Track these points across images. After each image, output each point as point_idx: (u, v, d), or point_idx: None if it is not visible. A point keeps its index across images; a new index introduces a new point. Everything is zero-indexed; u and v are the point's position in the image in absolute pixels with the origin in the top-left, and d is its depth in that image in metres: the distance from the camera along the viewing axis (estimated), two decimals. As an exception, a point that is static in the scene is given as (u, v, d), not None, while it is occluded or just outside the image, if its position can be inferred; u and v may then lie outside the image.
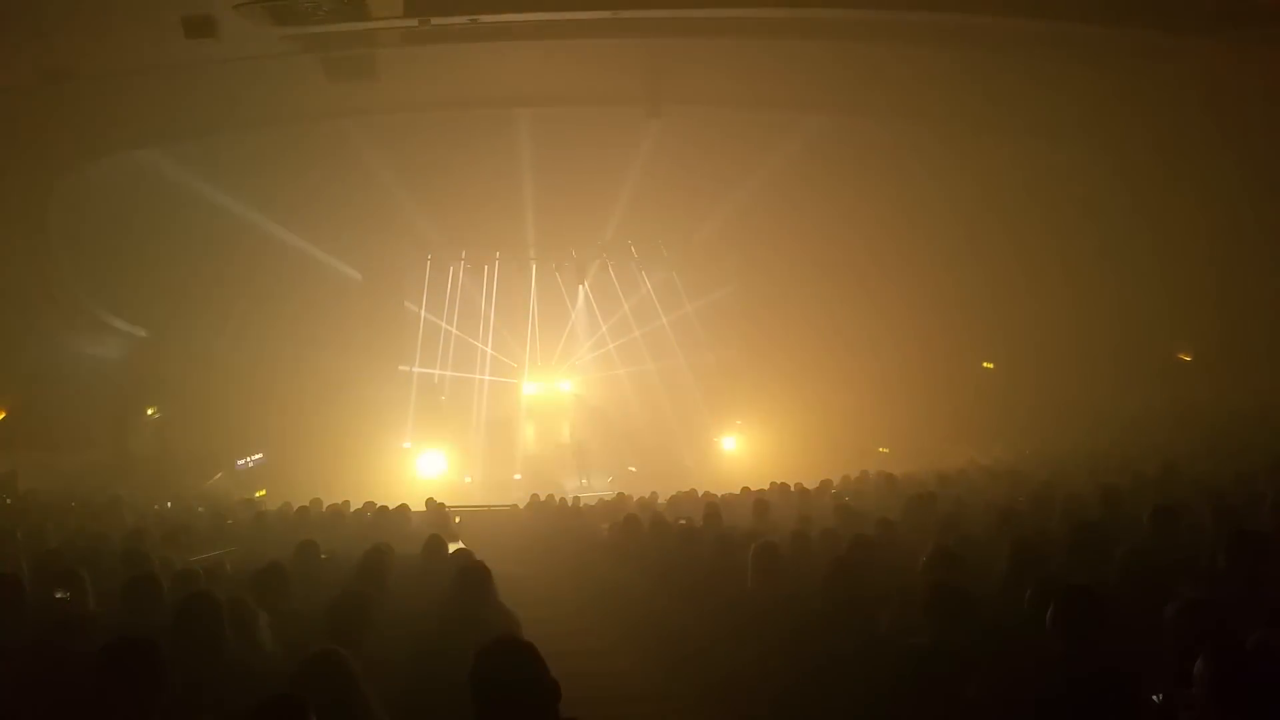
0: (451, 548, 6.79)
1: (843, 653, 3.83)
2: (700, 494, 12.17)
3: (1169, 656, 3.29)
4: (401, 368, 23.05)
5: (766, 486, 11.87)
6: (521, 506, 14.09)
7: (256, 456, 18.43)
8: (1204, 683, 2.70)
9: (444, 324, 24.25)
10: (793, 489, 11.60)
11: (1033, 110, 13.12)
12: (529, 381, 24.63)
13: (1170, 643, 3.42)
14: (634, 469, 22.48)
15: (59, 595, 5.13)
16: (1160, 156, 12.42)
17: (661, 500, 12.18)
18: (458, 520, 11.28)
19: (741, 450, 22.09)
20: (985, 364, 17.94)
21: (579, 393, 25.36)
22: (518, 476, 23.91)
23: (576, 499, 13.76)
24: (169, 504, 13.14)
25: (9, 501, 11.84)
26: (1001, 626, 3.89)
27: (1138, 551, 4.66)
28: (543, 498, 13.51)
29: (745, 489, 11.98)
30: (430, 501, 12.05)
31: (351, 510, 10.79)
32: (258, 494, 16.50)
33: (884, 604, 4.38)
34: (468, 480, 22.96)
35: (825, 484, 12.27)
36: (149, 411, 17.20)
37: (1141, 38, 10.89)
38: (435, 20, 11.07)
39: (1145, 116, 12.13)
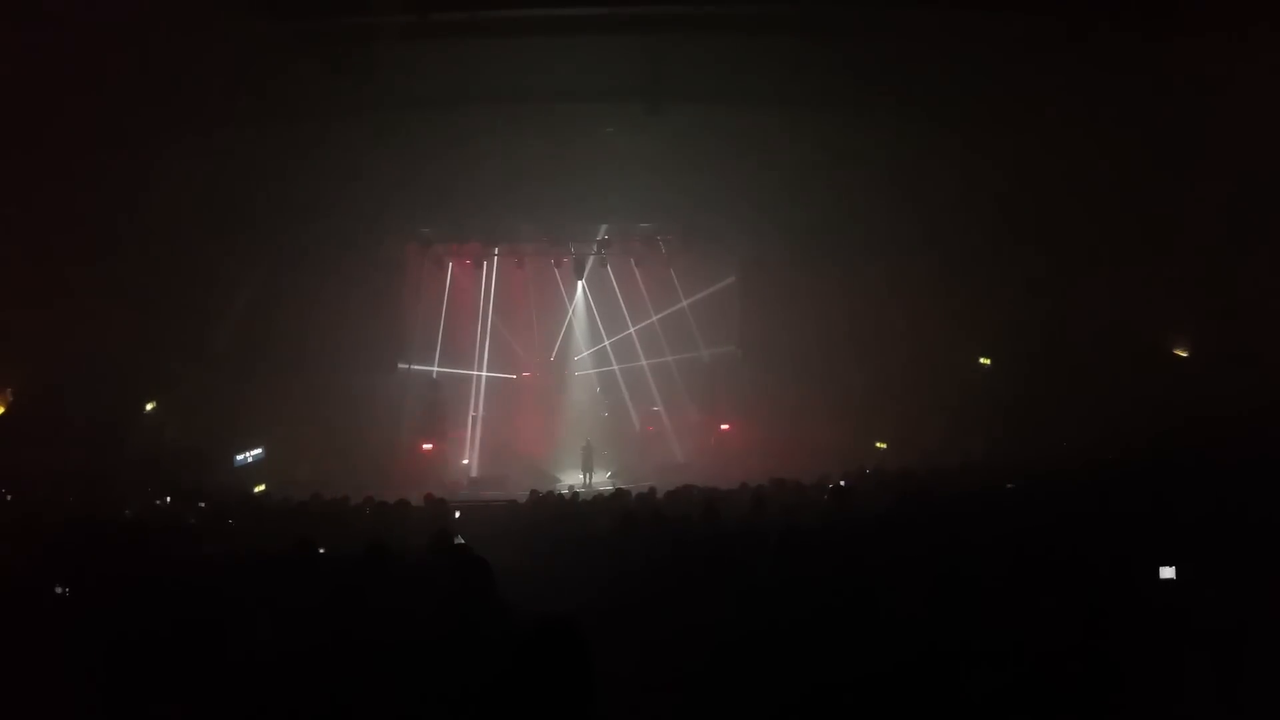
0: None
1: (842, 645, 3.86)
2: (698, 489, 12.21)
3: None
4: (401, 365, 23.08)
5: (765, 482, 11.89)
6: (521, 501, 14.12)
7: (256, 452, 18.42)
8: None
9: (440, 319, 24.31)
10: (790, 484, 11.63)
11: (1034, 105, 13.12)
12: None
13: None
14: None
15: (58, 590, 5.17)
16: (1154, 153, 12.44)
17: (660, 496, 12.20)
18: (457, 515, 11.30)
19: (740, 445, 22.11)
20: (982, 359, 17.96)
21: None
22: (517, 457, 24.05)
23: (575, 494, 13.77)
24: (168, 499, 13.14)
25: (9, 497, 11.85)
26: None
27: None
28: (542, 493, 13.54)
29: (743, 484, 12.02)
30: (429, 496, 12.09)
31: (351, 505, 10.81)
32: (256, 489, 16.51)
33: (885, 597, 4.41)
34: (464, 463, 23.14)
35: (823, 478, 12.30)
36: (147, 407, 17.19)
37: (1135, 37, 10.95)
38: (434, 15, 11.09)
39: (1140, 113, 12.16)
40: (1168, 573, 4.48)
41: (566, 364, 25.84)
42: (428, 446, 22.42)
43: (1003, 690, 3.55)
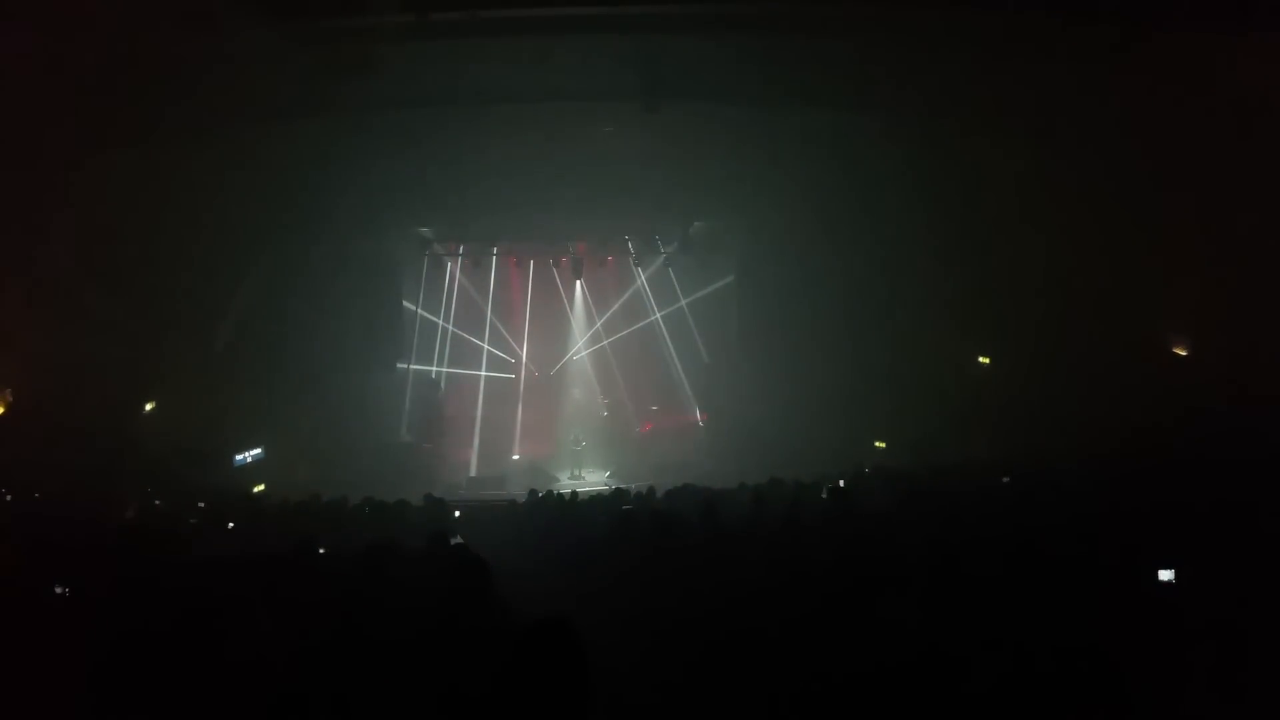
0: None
1: (841, 643, 3.88)
2: (697, 488, 12.22)
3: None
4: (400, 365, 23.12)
5: (764, 481, 11.90)
6: (520, 500, 14.12)
7: (255, 452, 18.44)
8: None
9: (440, 320, 24.34)
10: (789, 484, 11.64)
11: (1035, 104, 13.12)
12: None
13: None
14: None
15: (58, 590, 5.18)
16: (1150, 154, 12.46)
17: (659, 495, 12.22)
18: (456, 515, 11.32)
19: (738, 444, 22.12)
20: (981, 359, 17.97)
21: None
22: (515, 456, 24.08)
23: (575, 494, 13.77)
24: (168, 499, 13.14)
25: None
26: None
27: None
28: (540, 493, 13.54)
29: (742, 484, 12.03)
30: (428, 496, 12.11)
31: (350, 505, 10.82)
32: (256, 489, 16.52)
33: (882, 595, 4.43)
34: (464, 463, 23.20)
35: (822, 478, 12.31)
36: (147, 407, 17.18)
37: (1130, 32, 10.95)
38: (434, 15, 11.08)
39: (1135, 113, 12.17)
40: (1167, 570, 4.52)
41: (565, 363, 25.86)
42: (427, 446, 22.43)
43: (1002, 687, 3.57)
